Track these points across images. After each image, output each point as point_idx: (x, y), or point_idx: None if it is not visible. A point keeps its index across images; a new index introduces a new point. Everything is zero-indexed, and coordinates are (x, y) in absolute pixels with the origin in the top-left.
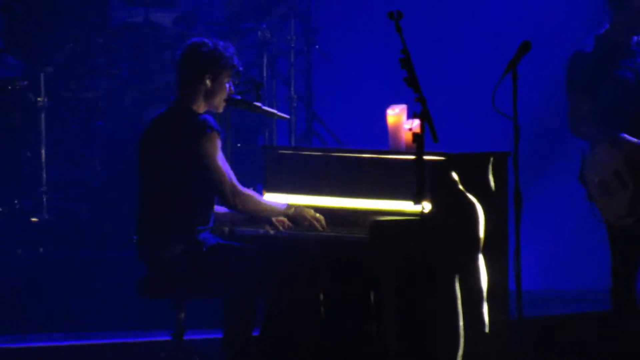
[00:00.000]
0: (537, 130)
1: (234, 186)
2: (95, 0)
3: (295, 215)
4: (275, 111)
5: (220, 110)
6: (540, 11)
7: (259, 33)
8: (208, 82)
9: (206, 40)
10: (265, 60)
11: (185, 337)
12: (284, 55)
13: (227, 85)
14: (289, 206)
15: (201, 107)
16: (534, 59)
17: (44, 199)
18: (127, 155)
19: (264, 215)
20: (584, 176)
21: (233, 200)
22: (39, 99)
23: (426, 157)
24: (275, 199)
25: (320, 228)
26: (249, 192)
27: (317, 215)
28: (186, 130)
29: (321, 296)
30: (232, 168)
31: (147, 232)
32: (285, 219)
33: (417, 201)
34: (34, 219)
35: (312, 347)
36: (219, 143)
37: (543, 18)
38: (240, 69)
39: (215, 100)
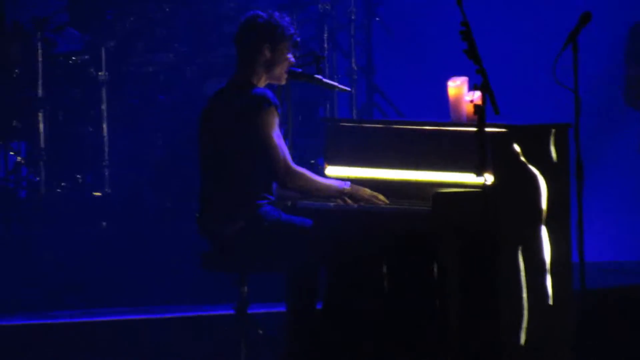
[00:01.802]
0: (599, 102)
1: (286, 163)
2: None
3: (352, 194)
4: (336, 84)
5: (283, 82)
6: None
7: (319, 6)
8: (267, 52)
9: (260, 12)
10: (325, 33)
11: (249, 311)
12: (344, 28)
13: (288, 56)
14: (345, 185)
15: (262, 80)
16: (595, 30)
17: (106, 174)
18: (189, 129)
19: (318, 194)
20: None
21: (284, 178)
22: (100, 73)
23: (487, 129)
24: (336, 171)
25: (380, 204)
26: (302, 170)
27: (375, 193)
28: (244, 104)
29: (384, 269)
30: (293, 141)
31: (208, 207)
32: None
33: (479, 173)
34: (96, 194)
35: (375, 320)
36: (276, 118)
37: None
38: (298, 38)
39: (276, 71)
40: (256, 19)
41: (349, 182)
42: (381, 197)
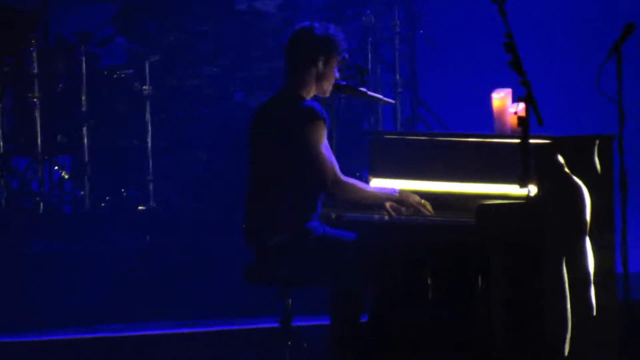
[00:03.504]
0: None
1: (335, 174)
2: None
3: (401, 201)
4: (380, 96)
5: (328, 95)
6: None
7: (363, 19)
8: (320, 65)
9: (316, 24)
10: (369, 46)
11: (293, 324)
12: (388, 41)
13: (334, 70)
14: (394, 192)
15: (311, 92)
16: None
17: (151, 188)
18: (232, 143)
19: (367, 203)
20: None
21: (333, 189)
22: (144, 87)
23: (531, 141)
24: (380, 184)
25: (426, 213)
26: (351, 180)
27: (423, 200)
28: (293, 117)
29: (429, 281)
30: (337, 154)
31: (255, 219)
32: (396, 205)
33: (523, 185)
34: (140, 207)
35: (420, 332)
36: (324, 131)
37: None
38: (347, 55)
39: (325, 84)
40: (313, 29)
41: (397, 189)
42: (428, 206)
